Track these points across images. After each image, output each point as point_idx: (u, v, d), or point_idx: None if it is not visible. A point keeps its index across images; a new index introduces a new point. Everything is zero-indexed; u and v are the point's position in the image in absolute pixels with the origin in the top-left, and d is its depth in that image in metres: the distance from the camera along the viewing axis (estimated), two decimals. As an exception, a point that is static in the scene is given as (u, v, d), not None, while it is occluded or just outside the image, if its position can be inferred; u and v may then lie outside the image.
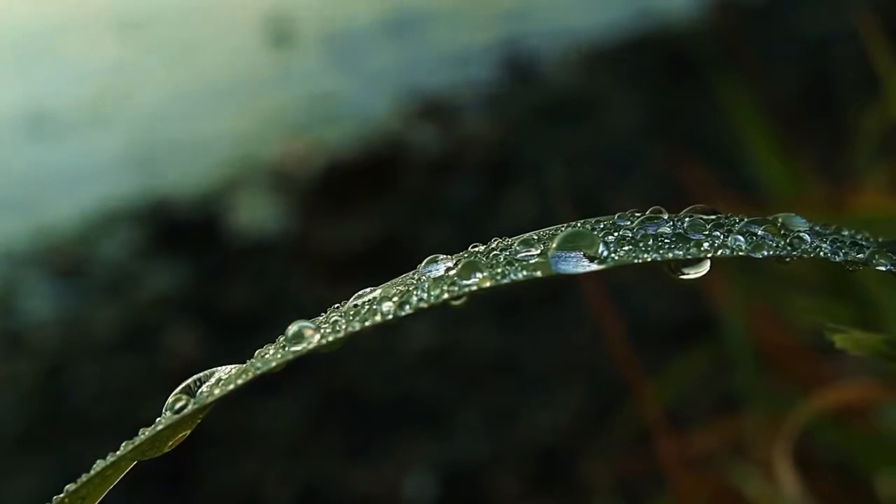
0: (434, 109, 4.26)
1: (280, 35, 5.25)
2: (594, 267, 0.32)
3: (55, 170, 4.16)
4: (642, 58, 4.37)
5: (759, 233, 0.33)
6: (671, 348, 1.93)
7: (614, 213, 0.35)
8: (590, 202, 3.12)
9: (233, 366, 0.34)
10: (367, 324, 0.31)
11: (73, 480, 0.34)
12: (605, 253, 0.32)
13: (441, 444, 2.40)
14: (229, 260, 3.36)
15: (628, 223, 0.34)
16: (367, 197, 3.60)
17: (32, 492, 2.36)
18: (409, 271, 0.34)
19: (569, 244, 0.32)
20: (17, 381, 2.86)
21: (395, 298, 0.32)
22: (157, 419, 0.34)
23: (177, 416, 0.33)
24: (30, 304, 3.29)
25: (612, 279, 2.61)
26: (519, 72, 4.58)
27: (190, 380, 0.34)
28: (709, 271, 0.34)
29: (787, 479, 0.93)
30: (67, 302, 3.26)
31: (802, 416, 0.96)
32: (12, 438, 2.63)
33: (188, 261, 3.38)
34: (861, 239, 0.35)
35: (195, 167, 4.02)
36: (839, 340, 0.40)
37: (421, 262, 0.34)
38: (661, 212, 0.35)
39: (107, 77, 5.06)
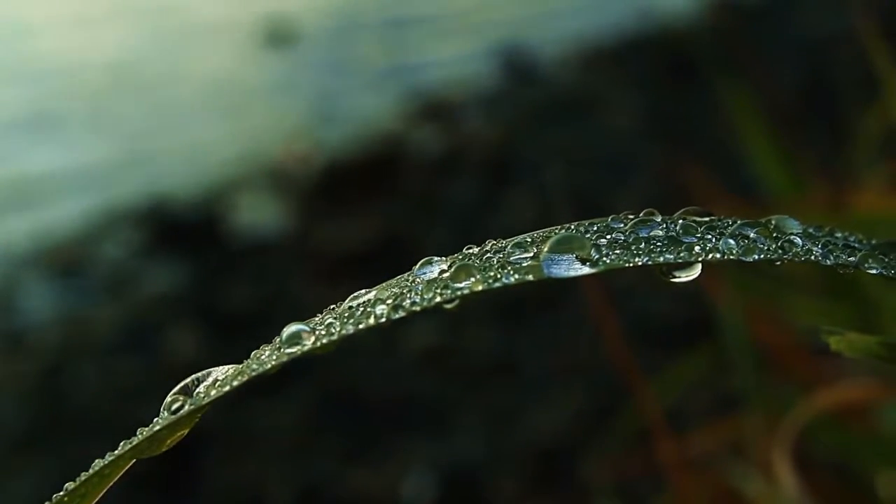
0: (434, 109, 4.26)
1: (279, 35, 5.25)
2: (586, 270, 0.32)
3: (57, 170, 4.16)
4: (642, 58, 4.37)
5: (752, 236, 0.34)
6: (671, 349, 1.93)
7: (609, 215, 0.35)
8: (589, 202, 3.12)
9: (229, 366, 0.35)
10: (360, 326, 0.32)
11: (73, 480, 0.34)
12: (597, 256, 0.32)
13: (440, 445, 2.41)
14: (229, 260, 3.36)
15: (621, 226, 0.34)
16: (367, 197, 3.61)
17: (32, 492, 2.36)
18: (407, 272, 0.35)
19: (561, 247, 0.32)
20: (17, 381, 2.86)
21: (389, 301, 0.32)
22: (155, 419, 0.34)
23: (173, 417, 0.33)
24: (30, 304, 3.29)
25: (612, 280, 2.62)
26: (519, 72, 4.58)
27: (187, 380, 0.35)
28: (708, 272, 0.34)
29: (787, 479, 0.93)
30: (67, 302, 3.26)
31: (802, 416, 0.96)
32: (12, 438, 2.63)
33: (188, 261, 3.38)
34: (854, 241, 0.35)
35: (195, 167, 4.02)
36: (834, 343, 0.40)
37: (419, 263, 0.35)
38: (654, 214, 0.35)
39: (107, 76, 5.06)
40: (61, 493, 0.33)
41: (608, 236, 0.33)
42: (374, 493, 2.30)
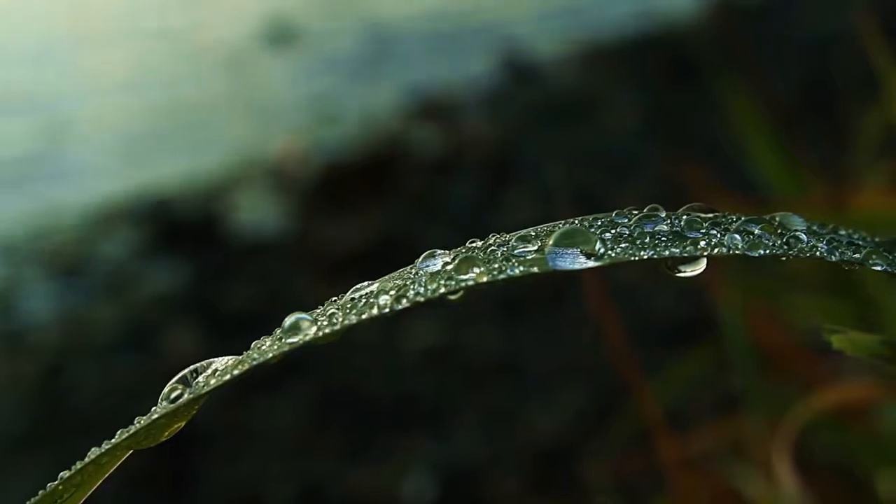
0: (434, 109, 4.26)
1: (280, 35, 5.25)
2: (591, 264, 0.32)
3: (56, 169, 4.16)
4: (642, 58, 4.37)
5: (756, 232, 0.33)
6: (671, 348, 1.93)
7: (612, 211, 0.35)
8: (589, 202, 3.12)
9: (229, 357, 0.34)
10: (363, 317, 0.31)
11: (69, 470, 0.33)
12: (602, 250, 0.32)
13: (441, 445, 2.40)
14: (229, 260, 3.36)
15: (626, 220, 0.34)
16: (367, 197, 3.60)
17: (32, 492, 2.35)
18: (410, 265, 0.34)
19: (566, 241, 0.32)
20: (17, 381, 2.86)
21: (392, 292, 0.32)
22: (153, 408, 0.34)
23: (172, 406, 0.32)
24: (30, 303, 3.29)
25: (613, 279, 2.61)
26: (519, 72, 4.58)
27: (186, 370, 0.34)
28: (709, 271, 0.34)
29: (787, 479, 0.93)
30: (67, 302, 3.26)
31: (802, 416, 0.96)
32: (12, 438, 2.63)
33: (188, 260, 3.38)
34: (858, 238, 0.35)
35: (195, 167, 4.02)
36: (836, 341, 0.40)
37: (422, 256, 0.34)
38: (658, 209, 0.35)
39: (106, 75, 5.06)
40: (56, 482, 0.33)
41: (613, 231, 0.33)
42: (374, 493, 2.29)
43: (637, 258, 0.32)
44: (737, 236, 0.33)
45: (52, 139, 4.42)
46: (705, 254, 0.32)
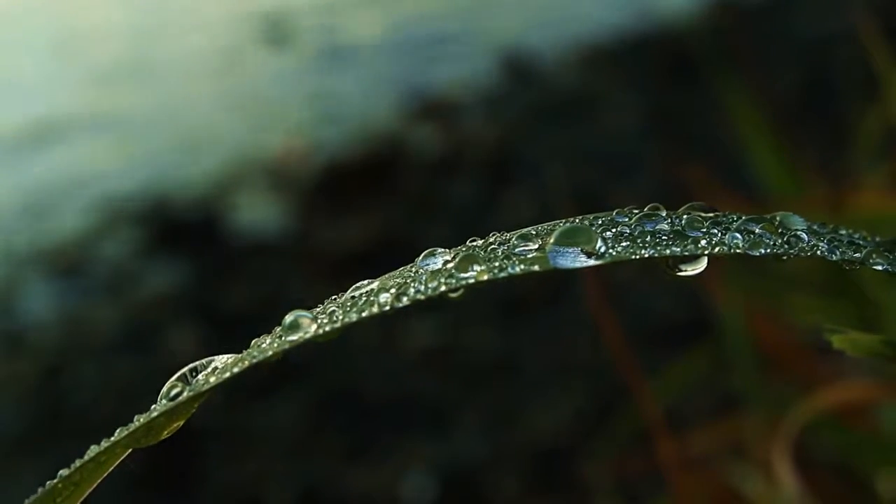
0: (434, 109, 4.26)
1: (279, 34, 5.25)
2: (592, 262, 0.32)
3: (56, 171, 4.16)
4: (642, 57, 4.37)
5: (757, 231, 0.33)
6: (671, 348, 1.93)
7: (613, 211, 0.35)
8: (589, 202, 3.11)
9: (229, 355, 0.34)
10: (363, 315, 0.31)
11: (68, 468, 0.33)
12: (603, 248, 0.32)
13: (441, 445, 2.40)
14: (229, 260, 3.36)
15: (626, 220, 0.34)
16: (367, 196, 3.60)
17: (32, 492, 2.35)
18: (410, 264, 0.34)
19: (567, 239, 0.32)
20: (17, 381, 2.85)
21: (393, 290, 0.32)
22: (153, 406, 0.33)
23: (171, 404, 0.32)
24: (30, 304, 3.29)
25: (613, 279, 2.62)
26: (518, 72, 4.58)
27: (186, 368, 0.34)
28: (709, 271, 0.34)
29: (787, 479, 0.93)
30: (67, 302, 3.26)
31: (802, 416, 0.97)
32: (12, 438, 2.63)
33: (188, 261, 3.38)
34: (858, 238, 0.35)
35: (195, 167, 4.02)
36: (837, 341, 0.40)
37: (422, 254, 0.34)
38: (659, 209, 0.35)
39: (106, 76, 5.06)
40: (55, 480, 0.33)
41: (613, 229, 0.33)
42: (374, 493, 2.30)
43: (638, 257, 0.32)
44: (737, 235, 0.33)
45: (46, 140, 4.42)
46: (706, 253, 0.32)
